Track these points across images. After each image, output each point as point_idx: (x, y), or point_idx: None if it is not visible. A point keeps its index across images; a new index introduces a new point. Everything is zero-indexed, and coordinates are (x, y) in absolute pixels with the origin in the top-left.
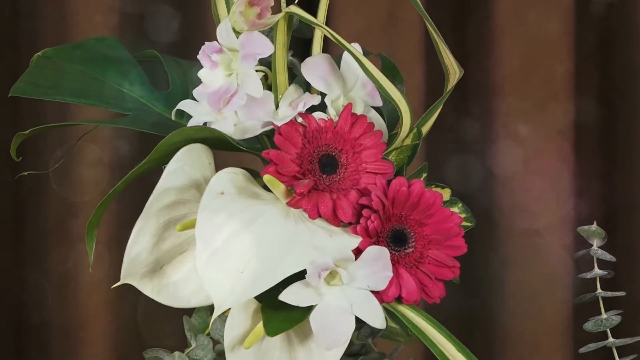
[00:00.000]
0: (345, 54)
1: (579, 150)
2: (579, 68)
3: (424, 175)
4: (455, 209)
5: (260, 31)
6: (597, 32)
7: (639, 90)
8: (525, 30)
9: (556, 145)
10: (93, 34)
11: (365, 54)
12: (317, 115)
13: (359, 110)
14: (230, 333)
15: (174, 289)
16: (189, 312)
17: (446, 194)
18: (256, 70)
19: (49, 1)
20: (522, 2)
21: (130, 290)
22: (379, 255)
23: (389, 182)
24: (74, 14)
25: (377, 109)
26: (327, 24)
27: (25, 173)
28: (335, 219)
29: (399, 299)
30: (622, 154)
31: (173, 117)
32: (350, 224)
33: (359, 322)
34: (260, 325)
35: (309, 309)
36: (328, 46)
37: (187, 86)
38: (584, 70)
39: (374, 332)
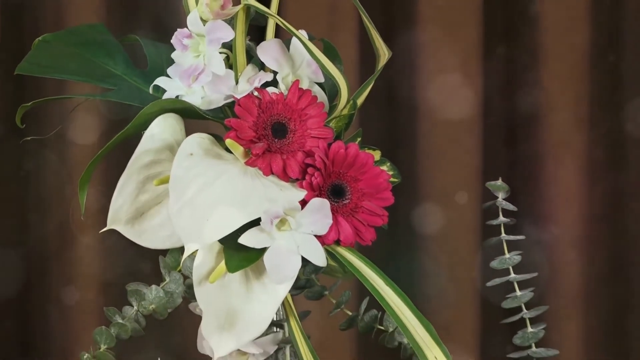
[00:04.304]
0: (294, 39)
1: (488, 115)
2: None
3: (359, 139)
4: (384, 167)
5: (223, 20)
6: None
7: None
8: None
9: (467, 113)
10: (85, 22)
11: (310, 38)
12: (270, 89)
13: (304, 85)
14: (198, 270)
15: (151, 233)
16: (164, 252)
17: (377, 155)
18: (220, 52)
19: None
20: None
21: (114, 235)
22: (321, 206)
23: (329, 145)
24: (69, 5)
25: (320, 84)
26: (278, 13)
27: (29, 138)
28: (285, 176)
29: (338, 242)
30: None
31: (151, 91)
32: (297, 180)
33: (305, 261)
34: (223, 263)
35: (263, 250)
36: (279, 32)
37: (163, 65)
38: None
39: (316, 269)
